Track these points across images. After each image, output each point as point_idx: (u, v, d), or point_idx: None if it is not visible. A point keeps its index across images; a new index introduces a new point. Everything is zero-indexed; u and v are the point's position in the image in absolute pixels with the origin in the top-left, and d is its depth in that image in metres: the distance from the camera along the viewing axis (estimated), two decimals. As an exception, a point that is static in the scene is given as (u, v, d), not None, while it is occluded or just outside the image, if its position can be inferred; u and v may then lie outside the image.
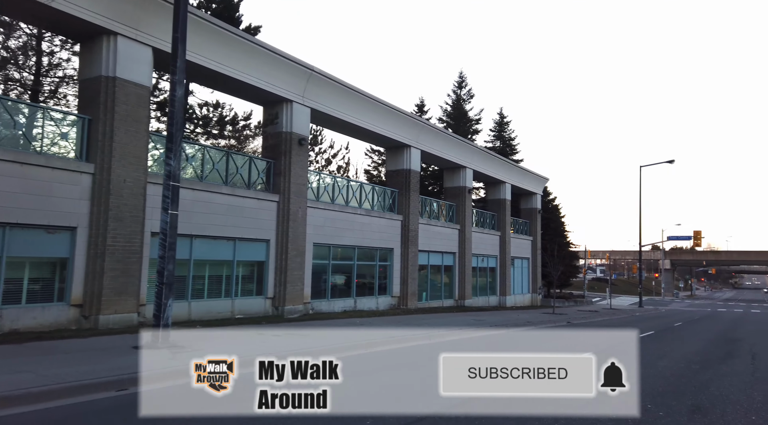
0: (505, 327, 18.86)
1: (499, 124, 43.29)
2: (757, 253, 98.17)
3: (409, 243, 25.76)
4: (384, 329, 15.18)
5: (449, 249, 30.20)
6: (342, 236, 21.94)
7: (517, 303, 38.32)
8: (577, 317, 26.84)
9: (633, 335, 16.57)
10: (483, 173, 33.50)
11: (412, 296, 25.79)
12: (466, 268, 31.01)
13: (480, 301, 33.35)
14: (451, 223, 30.53)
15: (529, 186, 40.03)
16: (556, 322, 23.19)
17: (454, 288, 30.70)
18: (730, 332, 20.93)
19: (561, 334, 17.67)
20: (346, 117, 21.86)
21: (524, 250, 40.12)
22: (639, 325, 23.74)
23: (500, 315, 24.13)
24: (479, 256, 33.74)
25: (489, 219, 35.80)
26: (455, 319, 20.09)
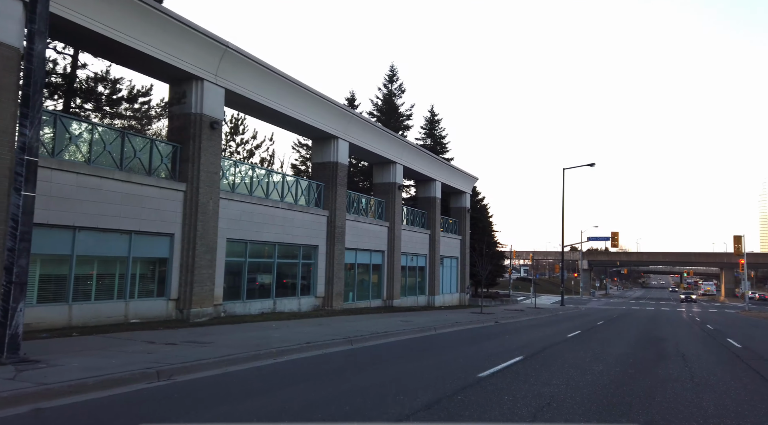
0: (434, 329, 17.85)
1: (430, 121, 42.75)
2: (664, 254, 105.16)
3: (335, 241, 24.26)
4: (300, 333, 13.61)
5: (378, 247, 29.00)
6: (261, 231, 20.08)
7: (446, 303, 37.84)
8: (505, 316, 26.49)
9: (563, 335, 15.85)
10: (413, 170, 32.61)
11: (337, 296, 24.31)
12: (395, 267, 29.95)
13: (409, 301, 32.42)
14: (380, 220, 29.35)
15: (459, 185, 39.72)
16: (485, 322, 22.56)
17: (383, 287, 29.54)
18: (651, 331, 21.12)
19: (491, 335, 16.88)
20: (268, 102, 20.04)
21: (453, 249, 39.77)
22: (564, 324, 23.62)
23: (429, 316, 23.20)
24: (409, 255, 32.83)
25: (419, 218, 35.01)
26: (381, 321, 18.85)
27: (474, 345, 13.89)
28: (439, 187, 36.29)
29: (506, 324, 22.97)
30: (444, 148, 42.89)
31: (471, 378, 8.55)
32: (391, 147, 29.34)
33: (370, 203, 29.15)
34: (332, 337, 13.12)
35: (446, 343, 14.21)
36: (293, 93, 21.14)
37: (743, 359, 12.16)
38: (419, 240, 34.12)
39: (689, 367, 10.45)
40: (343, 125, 24.76)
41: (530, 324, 23.43)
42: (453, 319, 21.78)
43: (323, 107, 23.10)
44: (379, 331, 15.16)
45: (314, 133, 24.44)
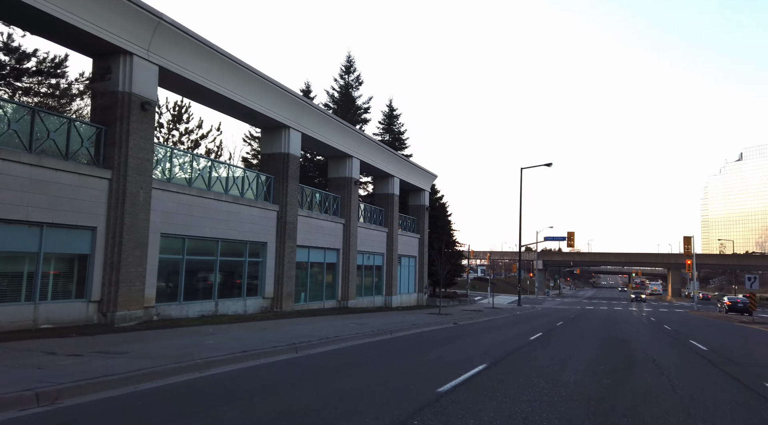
0: (390, 332, 16.57)
1: (388, 116, 41.54)
2: (615, 255, 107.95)
3: (286, 238, 22.63)
4: (239, 340, 12.04)
5: (333, 245, 27.52)
6: (201, 226, 18.27)
7: (403, 303, 36.73)
8: (463, 317, 25.54)
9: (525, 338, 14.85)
10: (371, 165, 31.29)
11: (288, 297, 22.69)
12: (350, 266, 28.54)
13: (365, 302, 31.08)
14: (335, 217, 27.87)
15: (418, 182, 38.68)
16: (443, 324, 21.49)
17: (337, 287, 28.08)
18: (612, 332, 20.55)
19: (450, 338, 15.73)
20: (210, 84, 18.25)
21: (411, 248, 38.70)
22: (524, 325, 22.85)
23: (384, 317, 21.93)
24: (365, 254, 31.49)
25: (376, 215, 33.72)
26: (333, 324, 17.43)
27: (433, 350, 12.68)
28: (397, 184, 35.13)
29: (465, 325, 21.97)
30: (403, 144, 41.78)
31: (430, 394, 7.29)
32: (348, 140, 27.93)
33: (325, 198, 27.64)
34: (275, 344, 11.62)
35: (403, 349, 12.94)
36: (239, 76, 19.42)
37: (716, 364, 11.43)
38: (376, 238, 32.85)
39: (666, 376, 9.54)
40: (295, 114, 23.15)
41: (490, 325, 22.53)
42: (410, 321, 20.59)
43: (273, 93, 21.45)
44: (329, 336, 13.74)
45: (264, 122, 22.73)
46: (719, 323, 29.17)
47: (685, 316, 37.93)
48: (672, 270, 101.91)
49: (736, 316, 39.38)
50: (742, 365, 11.45)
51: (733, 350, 14.70)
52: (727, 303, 45.60)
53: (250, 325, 15.91)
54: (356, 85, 36.79)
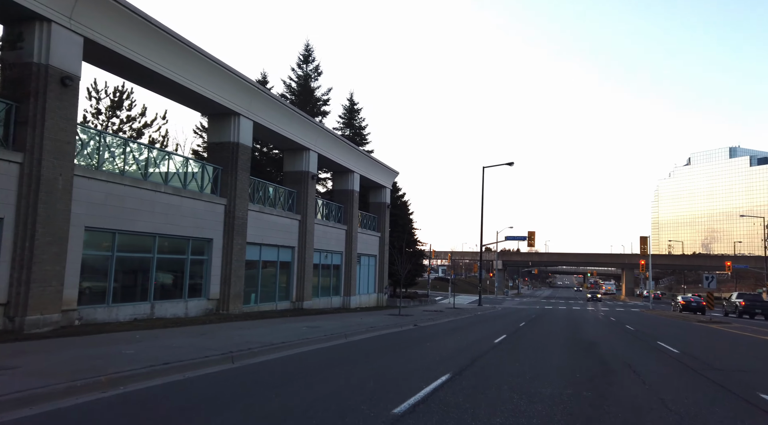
0: (345, 336, 15.18)
1: (349, 110, 40.08)
2: (572, 255, 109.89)
3: (234, 234, 20.89)
4: (166, 348, 10.40)
5: (287, 242, 25.87)
6: (135, 220, 16.37)
7: (363, 304, 35.37)
8: (424, 318, 24.40)
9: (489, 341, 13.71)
10: (330, 159, 29.79)
11: (235, 298, 20.95)
12: (306, 265, 26.96)
13: (322, 303, 29.55)
14: (290, 213, 26.23)
15: (379, 178, 37.41)
16: (403, 326, 20.26)
17: (292, 288, 26.44)
18: (576, 333, 19.79)
19: (410, 342, 14.48)
20: (149, 62, 16.39)
21: (372, 247, 37.39)
22: (487, 327, 21.89)
23: (341, 320, 20.52)
24: (323, 252, 29.96)
25: (335, 212, 32.25)
26: (283, 327, 15.90)
27: (390, 357, 11.38)
28: (357, 180, 33.75)
29: (426, 327, 20.81)
30: (364, 139, 40.42)
31: (384, 418, 5.96)
32: (304, 131, 26.34)
33: (279, 193, 25.95)
34: (209, 353, 10.05)
35: (356, 356, 11.58)
36: (182, 55, 17.62)
37: (696, 370, 10.56)
38: (335, 236, 31.37)
39: (650, 386, 8.52)
40: (247, 100, 21.44)
41: (452, 327, 21.44)
42: (368, 323, 19.26)
43: (221, 77, 19.70)
44: (275, 342, 12.23)
45: (211, 108, 20.93)
46: (678, 322, 29.11)
47: (643, 316, 38.07)
48: (626, 270, 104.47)
49: (693, 316, 39.86)
50: (723, 371, 10.63)
51: (706, 353, 14.02)
52: (681, 302, 46.33)
53: (187, 330, 14.20)
54: (315, 75, 35.15)
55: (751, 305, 39.08)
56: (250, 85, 21.46)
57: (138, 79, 18.05)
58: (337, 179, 33.55)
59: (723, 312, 43.20)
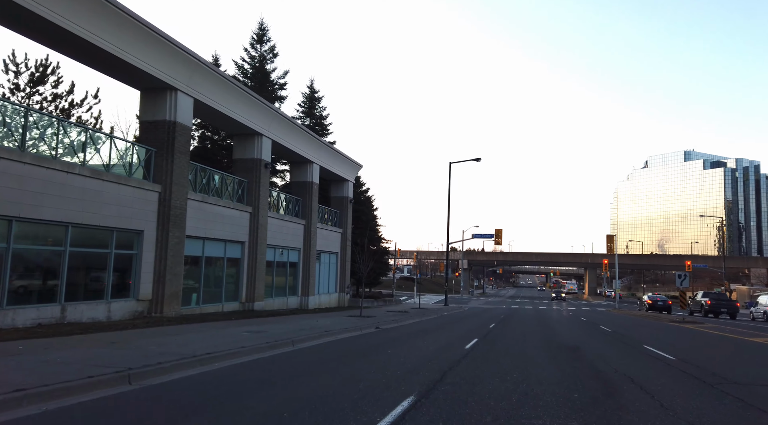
0: (291, 343, 12.89)
1: (309, 98, 37.59)
2: (537, 254, 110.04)
3: (170, 225, 18.26)
4: (49, 363, 7.92)
5: (236, 237, 23.31)
6: (40, 206, 13.63)
7: (323, 305, 33.03)
8: (387, 320, 22.30)
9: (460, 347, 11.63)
10: (286, 147, 27.35)
11: (172, 299, 18.33)
12: (258, 262, 24.45)
13: (276, 303, 27.08)
14: (240, 204, 23.68)
15: (341, 171, 35.15)
16: (363, 329, 18.10)
17: (242, 287, 23.89)
18: (554, 336, 18.03)
19: (369, 349, 12.33)
20: (68, 24, 13.70)
21: (333, 244, 35.09)
22: (456, 329, 19.95)
23: (294, 322, 18.21)
24: (278, 248, 27.49)
25: (292, 205, 29.81)
26: (220, 333, 13.49)
27: (341, 371, 9.18)
28: (317, 171, 31.39)
29: (389, 330, 18.71)
30: (325, 130, 38.04)
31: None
32: (256, 114, 23.84)
33: (227, 181, 23.35)
34: (100, 371, 7.61)
35: (299, 369, 9.33)
36: (110, 19, 14.94)
37: (713, 385, 8.74)
38: (292, 231, 28.93)
39: (674, 413, 6.58)
40: (186, 74, 18.84)
41: (417, 329, 19.41)
42: (324, 326, 17.01)
43: (156, 45, 17.07)
44: (198, 353, 9.85)
45: (145, 81, 18.20)
46: (651, 323, 27.95)
47: (612, 315, 37.06)
48: (589, 269, 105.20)
49: (661, 315, 39.15)
50: (743, 384, 8.87)
51: (706, 360, 12.36)
52: (648, 301, 45.78)
53: (95, 338, 11.62)
54: (270, 56, 32.49)
55: (717, 304, 38.62)
56: (190, 56, 18.84)
57: (59, 46, 15.27)
58: (295, 170, 31.11)
59: (688, 311, 42.84)
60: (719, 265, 77.59)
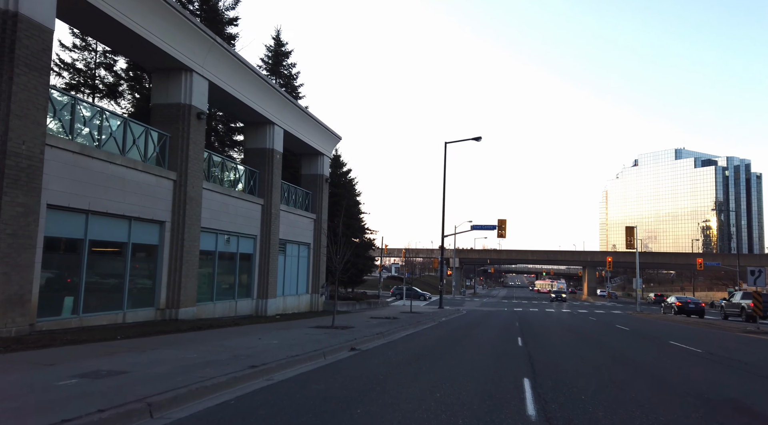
0: (147, 410, 5.78)
1: (275, 52, 30.26)
2: (533, 252, 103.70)
3: (19, 190, 11.00)
4: None
5: (150, 214, 16.02)
6: None
7: (288, 309, 25.87)
8: (370, 333, 15.29)
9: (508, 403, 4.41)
10: (233, 96, 20.07)
11: (14, 305, 11.05)
12: (186, 252, 17.19)
13: (219, 309, 19.86)
14: (157, 168, 16.39)
15: (314, 141, 27.99)
16: (330, 353, 11.06)
17: (159, 287, 16.61)
18: (637, 365, 11.10)
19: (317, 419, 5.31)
20: None
21: (303, 233, 27.92)
22: (470, 347, 12.93)
23: (214, 344, 11.15)
24: (222, 234, 20.27)
25: (246, 178, 22.60)
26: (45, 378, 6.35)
27: None
28: (280, 137, 24.19)
29: (370, 353, 11.71)
30: (296, 92, 30.78)
31: None
32: (182, 41, 16.49)
33: (130, 130, 15.90)
34: None
35: None
36: None
37: None
38: (244, 212, 21.71)
39: None
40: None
41: (414, 351, 12.40)
42: (262, 351, 9.98)
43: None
44: None
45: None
46: (719, 333, 21.29)
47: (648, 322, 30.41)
48: (588, 268, 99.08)
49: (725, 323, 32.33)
50: None
51: None
52: (677, 303, 39.25)
53: None
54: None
55: (767, 307, 32.04)
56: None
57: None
58: (251, 133, 23.84)
59: (722, 314, 36.39)
60: (731, 263, 71.80)
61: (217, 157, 20.56)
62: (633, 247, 42.22)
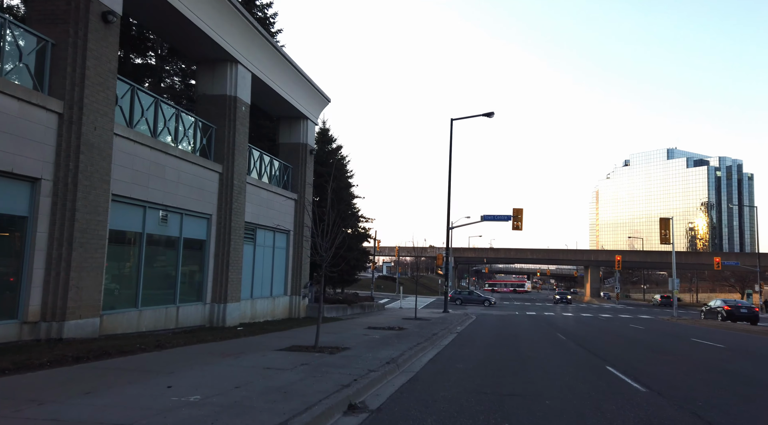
0: None
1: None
2: (532, 251, 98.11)
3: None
4: None
5: (27, 170, 9.49)
6: None
7: (259, 316, 19.48)
8: (374, 361, 9.01)
9: None
10: (178, 11, 13.60)
11: None
12: (96, 232, 10.67)
13: (146, 319, 13.36)
14: (44, 97, 9.86)
15: (295, 97, 21.60)
16: None
17: (25, 287, 10.06)
18: None
19: None
20: None
21: (280, 216, 21.50)
22: (544, 384, 6.70)
23: (53, 408, 4.73)
24: (153, 208, 13.73)
25: (193, 133, 16.05)
26: None
27: None
28: (247, 82, 17.74)
29: (386, 413, 5.35)
30: (268, 24, 24.20)
31: None
32: None
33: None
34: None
35: None
36: None
37: None
38: (188, 179, 15.16)
39: None
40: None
41: (465, 402, 6.07)
42: None
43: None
44: None
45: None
46: None
47: (707, 330, 24.54)
48: (591, 268, 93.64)
49: None
50: None
51: None
52: (725, 307, 33.44)
53: None
54: None
55: None
56: None
57: None
58: (206, 74, 17.22)
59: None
60: (751, 263, 66.58)
61: (147, 98, 13.88)
62: (668, 242, 36.27)
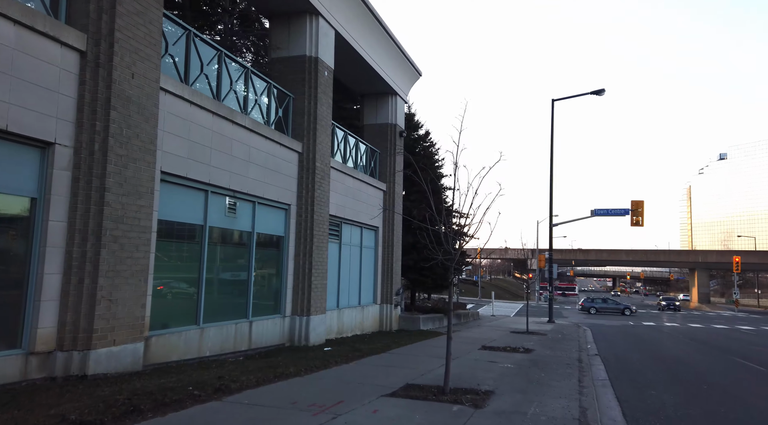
0: None
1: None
2: (626, 252, 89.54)
3: None
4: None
5: (36, 131, 6.42)
6: None
7: (346, 330, 15.99)
8: (535, 416, 4.93)
9: None
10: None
11: None
12: (127, 221, 7.48)
13: (210, 339, 10.06)
14: (70, 29, 6.79)
15: (384, 68, 18.03)
16: None
17: (30, 302, 6.95)
18: None
19: None
20: None
21: (366, 209, 17.91)
22: None
23: None
24: (229, 195, 10.47)
25: (266, 100, 12.74)
26: None
27: None
28: (331, 41, 14.30)
29: None
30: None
31: None
32: None
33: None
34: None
35: None
36: None
37: None
38: (266, 160, 11.84)
39: None
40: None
41: None
42: None
43: None
44: None
45: None
46: None
47: None
48: (698, 271, 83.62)
49: None
50: None
51: None
52: None
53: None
54: None
55: None
56: None
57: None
58: (281, 32, 13.95)
59: None
60: None
61: (208, 49, 10.66)
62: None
